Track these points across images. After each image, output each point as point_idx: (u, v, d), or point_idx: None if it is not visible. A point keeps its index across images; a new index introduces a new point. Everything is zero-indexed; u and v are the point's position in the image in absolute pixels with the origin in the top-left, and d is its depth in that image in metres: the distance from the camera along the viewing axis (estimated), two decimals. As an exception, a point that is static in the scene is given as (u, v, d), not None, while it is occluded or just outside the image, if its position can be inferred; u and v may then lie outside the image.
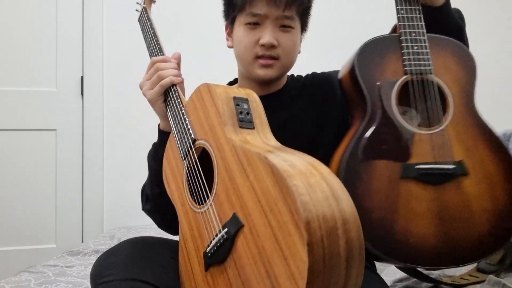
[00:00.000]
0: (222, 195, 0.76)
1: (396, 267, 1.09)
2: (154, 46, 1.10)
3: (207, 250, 0.77)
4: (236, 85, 1.18)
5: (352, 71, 0.96)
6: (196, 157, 0.87)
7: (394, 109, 0.92)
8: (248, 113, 0.84)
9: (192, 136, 0.88)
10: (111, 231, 2.12)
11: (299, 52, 1.10)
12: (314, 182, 0.63)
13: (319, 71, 1.19)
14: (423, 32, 0.96)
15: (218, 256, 0.74)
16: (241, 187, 0.71)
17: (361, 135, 0.91)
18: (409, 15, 0.97)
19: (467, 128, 0.94)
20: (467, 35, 1.07)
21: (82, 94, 2.40)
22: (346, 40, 2.46)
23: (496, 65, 2.51)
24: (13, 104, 2.33)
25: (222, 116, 0.81)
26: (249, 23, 1.02)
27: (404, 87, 0.95)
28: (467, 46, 1.05)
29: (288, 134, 1.07)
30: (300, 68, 1.16)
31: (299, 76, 1.19)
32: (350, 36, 2.47)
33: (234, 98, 0.84)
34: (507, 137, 1.91)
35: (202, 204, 0.82)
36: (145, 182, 1.08)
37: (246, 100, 0.86)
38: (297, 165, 0.66)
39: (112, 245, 1.04)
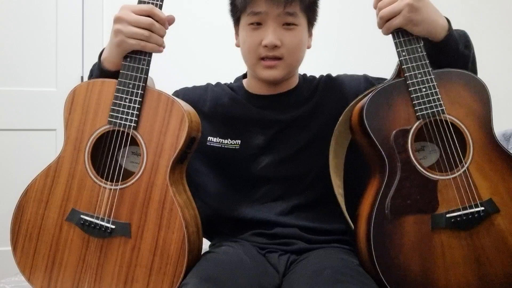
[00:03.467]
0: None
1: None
2: None
3: None
4: (245, 80, 1.17)
5: (362, 124, 0.92)
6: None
7: (413, 159, 0.89)
8: None
9: (134, 124, 0.93)
10: (111, 231, 2.11)
11: (309, 47, 1.08)
12: None
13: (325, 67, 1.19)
14: (428, 71, 0.91)
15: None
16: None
17: (384, 193, 0.88)
18: (412, 56, 0.91)
19: (491, 163, 0.90)
20: (475, 62, 1.00)
21: (82, 94, 2.40)
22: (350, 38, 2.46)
23: (496, 64, 2.51)
24: (13, 104, 2.32)
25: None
26: (251, 23, 1.01)
27: (419, 131, 0.91)
28: (475, 73, 0.99)
29: (293, 134, 1.08)
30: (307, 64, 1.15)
31: (312, 77, 1.17)
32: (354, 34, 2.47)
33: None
34: (507, 137, 1.91)
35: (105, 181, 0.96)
36: None
37: None
38: None
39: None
